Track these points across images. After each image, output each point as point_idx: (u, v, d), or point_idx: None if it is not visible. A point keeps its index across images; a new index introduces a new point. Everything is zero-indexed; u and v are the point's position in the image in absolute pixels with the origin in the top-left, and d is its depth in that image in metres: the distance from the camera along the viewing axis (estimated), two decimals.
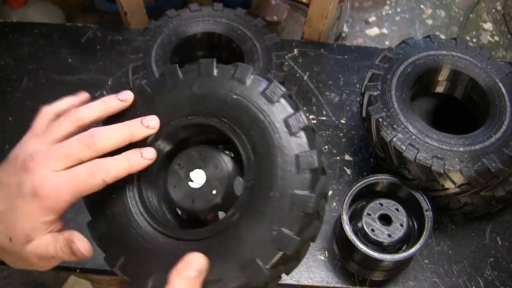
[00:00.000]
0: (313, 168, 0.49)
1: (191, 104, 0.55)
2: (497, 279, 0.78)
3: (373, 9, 1.74)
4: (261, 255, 0.47)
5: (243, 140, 0.51)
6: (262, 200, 0.49)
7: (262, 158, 0.50)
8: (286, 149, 0.50)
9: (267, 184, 0.49)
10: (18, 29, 1.03)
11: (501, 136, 0.73)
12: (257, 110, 0.52)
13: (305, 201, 0.48)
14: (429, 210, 0.72)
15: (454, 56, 0.82)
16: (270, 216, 0.48)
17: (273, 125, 0.51)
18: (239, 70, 0.54)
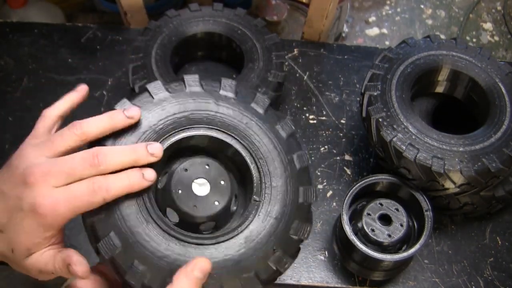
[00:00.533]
0: (310, 202, 0.58)
1: (208, 117, 0.58)
2: (497, 279, 0.78)
3: (373, 9, 1.74)
4: (259, 269, 0.52)
5: (255, 164, 0.58)
6: (266, 220, 0.55)
7: (271, 184, 0.57)
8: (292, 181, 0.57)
9: (272, 207, 0.56)
10: (18, 29, 1.03)
11: (501, 136, 0.73)
12: (271, 141, 0.59)
13: (302, 230, 0.56)
14: (429, 210, 0.72)
15: (454, 56, 0.82)
16: (272, 236, 0.54)
17: (284, 158, 0.58)
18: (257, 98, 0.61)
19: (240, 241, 0.53)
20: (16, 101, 0.94)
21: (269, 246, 0.54)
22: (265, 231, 0.54)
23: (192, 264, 0.49)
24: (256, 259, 0.53)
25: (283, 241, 0.54)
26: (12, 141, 0.89)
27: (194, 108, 0.58)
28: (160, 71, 0.86)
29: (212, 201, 0.55)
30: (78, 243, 0.79)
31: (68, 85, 0.96)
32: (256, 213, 0.55)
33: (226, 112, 0.59)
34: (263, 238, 0.54)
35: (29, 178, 0.49)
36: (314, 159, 0.89)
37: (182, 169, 0.56)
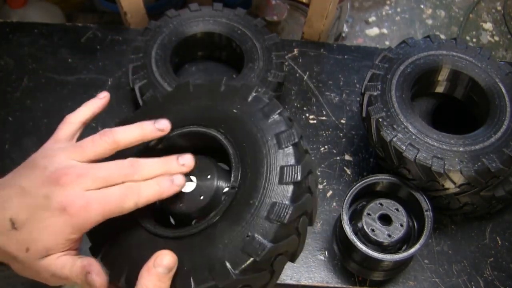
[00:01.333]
0: (296, 181, 0.50)
1: (195, 115, 0.58)
2: (497, 279, 0.78)
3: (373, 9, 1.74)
4: (231, 258, 0.48)
5: (235, 151, 0.54)
6: (241, 206, 0.50)
7: (248, 168, 0.52)
8: (272, 161, 0.52)
9: (248, 192, 0.51)
10: (18, 29, 1.03)
11: (501, 136, 0.73)
12: (253, 125, 0.55)
13: (282, 211, 0.49)
14: (429, 210, 0.72)
15: (454, 56, 0.82)
16: (246, 222, 0.49)
17: (264, 138, 0.54)
18: (243, 88, 0.58)
19: (213, 231, 0.50)
20: (16, 101, 0.94)
21: (243, 233, 0.49)
22: (238, 218, 0.50)
23: (153, 260, 0.48)
24: (227, 248, 0.48)
25: (259, 226, 0.49)
26: (12, 141, 0.89)
27: (181, 109, 0.59)
28: (160, 71, 0.86)
29: (198, 196, 0.54)
30: None
31: (68, 85, 0.96)
32: (232, 202, 0.51)
33: (208, 106, 0.58)
34: (235, 226, 0.49)
35: (62, 179, 0.48)
36: (314, 159, 0.89)
37: None
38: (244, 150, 0.54)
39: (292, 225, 0.50)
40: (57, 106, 0.93)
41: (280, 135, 0.53)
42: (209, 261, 0.48)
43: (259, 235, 0.48)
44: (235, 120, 0.56)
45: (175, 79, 0.86)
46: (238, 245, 0.48)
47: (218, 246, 0.49)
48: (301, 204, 0.51)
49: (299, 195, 0.51)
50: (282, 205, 0.49)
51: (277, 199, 0.50)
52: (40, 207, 0.48)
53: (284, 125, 0.54)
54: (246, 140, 0.54)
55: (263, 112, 0.55)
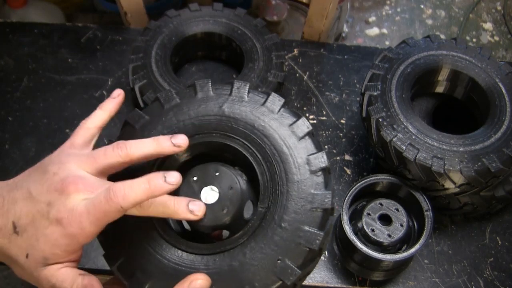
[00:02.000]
0: (325, 208, 0.51)
1: (218, 122, 0.56)
2: (497, 279, 0.78)
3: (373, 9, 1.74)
4: (261, 281, 0.48)
5: (263, 168, 0.53)
6: (272, 228, 0.51)
7: (279, 189, 0.52)
8: (304, 185, 0.52)
9: (279, 215, 0.51)
10: (18, 29, 1.03)
11: (501, 136, 0.73)
12: (282, 142, 0.54)
13: (313, 238, 0.50)
14: (429, 210, 0.72)
15: (454, 56, 0.82)
16: (277, 245, 0.50)
17: (295, 160, 0.53)
18: (270, 99, 0.57)
19: (243, 250, 0.50)
20: (16, 101, 0.94)
21: (274, 256, 0.49)
22: (268, 240, 0.50)
23: (188, 281, 0.47)
24: (258, 270, 0.49)
25: (289, 250, 0.49)
26: (12, 141, 0.89)
27: (202, 113, 0.57)
28: (160, 71, 0.86)
29: (220, 209, 0.52)
30: None
31: (68, 85, 0.96)
32: (261, 222, 0.51)
33: (233, 115, 0.56)
34: (266, 248, 0.50)
35: (69, 188, 0.47)
36: None
37: (191, 177, 0.54)
38: (273, 168, 0.53)
39: (319, 249, 0.51)
40: (57, 106, 0.93)
41: (310, 157, 0.53)
42: (240, 282, 0.49)
43: (290, 260, 0.49)
44: (262, 135, 0.55)
45: (175, 79, 0.86)
46: (269, 268, 0.49)
47: (249, 267, 0.49)
48: (328, 229, 0.52)
49: (327, 220, 0.52)
50: (313, 233, 0.50)
51: (308, 225, 0.50)
52: (41, 214, 0.47)
53: (314, 146, 0.54)
54: (275, 158, 0.53)
55: (292, 129, 0.55)
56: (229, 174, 0.54)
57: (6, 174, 0.85)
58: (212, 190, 0.54)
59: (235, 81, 0.58)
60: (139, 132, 0.57)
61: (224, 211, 0.52)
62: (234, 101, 0.57)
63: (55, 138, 0.89)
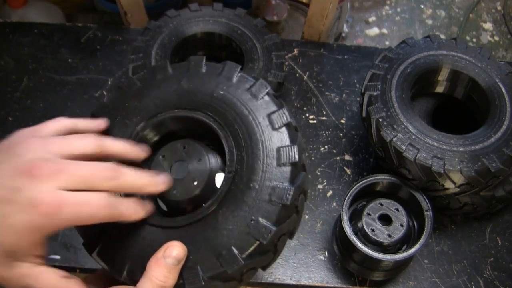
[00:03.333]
0: (293, 162, 0.51)
1: (178, 98, 0.56)
2: (497, 279, 0.78)
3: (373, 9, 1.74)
4: (237, 244, 0.48)
5: (226, 134, 0.53)
6: (242, 190, 0.50)
7: (244, 151, 0.52)
8: (267, 142, 0.52)
9: (247, 176, 0.51)
10: (18, 29, 1.03)
11: (501, 136, 0.73)
12: (242, 106, 0.54)
13: (283, 193, 0.49)
14: (429, 210, 0.72)
15: (454, 56, 0.82)
16: (248, 206, 0.49)
17: (256, 120, 0.53)
18: (226, 68, 0.57)
19: (215, 217, 0.50)
20: (16, 101, 0.94)
21: (247, 218, 0.49)
22: (240, 203, 0.49)
23: (162, 251, 0.47)
24: (233, 234, 0.48)
25: (261, 209, 0.49)
26: None
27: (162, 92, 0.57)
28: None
29: (191, 181, 0.53)
30: (78, 243, 0.79)
31: (68, 85, 0.96)
32: (230, 186, 0.51)
33: (191, 89, 0.56)
34: (238, 211, 0.49)
35: (36, 171, 0.43)
36: (314, 159, 0.89)
37: (159, 155, 0.55)
38: (236, 132, 0.53)
39: (293, 205, 0.50)
40: (57, 106, 0.93)
41: (271, 115, 0.53)
42: (215, 248, 0.48)
43: (263, 218, 0.49)
44: (222, 102, 0.55)
45: None
46: (243, 230, 0.48)
47: (222, 232, 0.49)
48: (300, 184, 0.51)
49: (297, 175, 0.51)
50: (283, 188, 0.49)
51: (277, 181, 0.50)
52: (6, 200, 0.42)
53: (274, 105, 0.54)
54: (237, 122, 0.53)
55: (251, 92, 0.55)
56: (197, 147, 0.54)
57: None
58: (181, 165, 0.54)
59: (191, 57, 0.59)
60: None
61: (195, 183, 0.52)
62: (192, 75, 0.57)
63: None
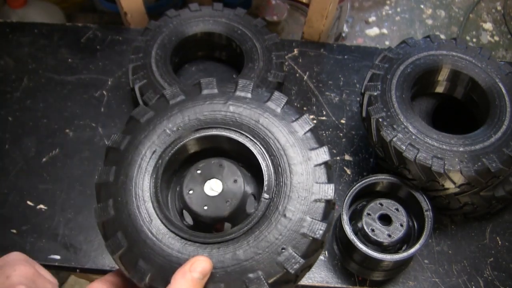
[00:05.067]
0: (328, 199, 0.53)
1: (223, 118, 0.57)
2: (497, 279, 0.78)
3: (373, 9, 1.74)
4: (265, 269, 0.49)
5: (267, 161, 0.55)
6: (276, 218, 0.52)
7: (283, 181, 0.53)
8: (306, 176, 0.53)
9: (283, 205, 0.52)
10: (18, 29, 1.03)
11: (501, 136, 0.73)
12: (285, 137, 0.56)
13: (316, 228, 0.51)
14: (429, 210, 0.72)
15: (454, 56, 0.82)
16: (281, 234, 0.51)
17: (298, 153, 0.54)
18: (274, 97, 0.58)
19: (246, 239, 0.51)
20: (16, 101, 0.94)
21: (277, 245, 0.50)
22: (273, 230, 0.51)
23: (189, 264, 0.48)
24: (262, 259, 0.50)
25: (293, 240, 0.50)
26: (12, 141, 0.89)
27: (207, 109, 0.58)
28: (160, 71, 0.86)
29: (224, 201, 0.54)
30: (78, 243, 0.79)
31: (68, 85, 0.96)
32: (265, 212, 0.52)
33: (238, 111, 0.58)
34: (270, 237, 0.51)
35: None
36: None
37: (195, 170, 0.56)
38: (277, 161, 0.54)
39: (321, 240, 0.52)
40: (57, 106, 0.93)
41: (312, 151, 0.55)
42: (243, 270, 0.49)
43: (294, 249, 0.50)
44: (266, 130, 0.56)
45: (175, 79, 0.86)
46: (272, 257, 0.50)
47: (252, 255, 0.50)
48: (330, 220, 0.53)
49: (329, 212, 0.53)
50: (317, 223, 0.51)
51: (312, 215, 0.52)
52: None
53: (316, 142, 0.56)
54: (279, 152, 0.55)
55: (295, 126, 0.56)
56: (233, 168, 0.56)
57: (6, 174, 0.85)
58: (216, 183, 0.55)
59: (239, 79, 0.60)
60: (144, 125, 0.58)
61: (227, 203, 0.54)
62: (239, 98, 0.58)
63: (55, 138, 0.89)
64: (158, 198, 0.54)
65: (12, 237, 0.79)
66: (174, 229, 0.52)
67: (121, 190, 0.54)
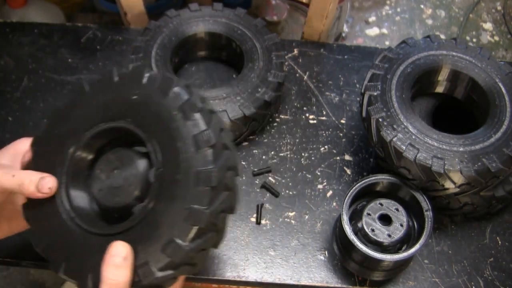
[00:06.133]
0: (212, 145, 0.53)
1: (101, 113, 0.60)
2: (497, 279, 0.78)
3: (373, 9, 1.74)
4: (178, 233, 0.52)
5: (147, 134, 0.56)
6: (171, 184, 0.53)
7: (165, 147, 0.55)
8: (184, 133, 0.54)
9: (172, 169, 0.53)
10: (18, 29, 1.03)
11: (501, 136, 0.73)
12: (155, 105, 0.57)
13: (208, 176, 0.52)
14: (429, 210, 0.72)
15: (454, 56, 0.82)
16: (180, 197, 0.52)
17: (170, 114, 0.55)
18: (135, 71, 0.60)
19: (154, 214, 0.53)
20: (16, 101, 0.94)
21: (181, 208, 0.52)
22: (171, 196, 0.53)
23: (109, 253, 0.52)
24: (172, 225, 0.52)
25: (192, 196, 0.52)
26: (12, 141, 0.89)
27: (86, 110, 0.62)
28: (160, 71, 0.86)
29: (129, 186, 0.56)
30: None
31: (68, 85, 0.96)
32: (160, 182, 0.54)
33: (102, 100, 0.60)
34: (172, 203, 0.52)
35: None
36: (314, 159, 0.89)
37: (96, 170, 0.59)
38: (156, 131, 0.56)
39: (221, 184, 0.53)
40: (57, 106, 0.93)
41: (183, 106, 0.55)
42: (160, 243, 0.52)
43: (196, 203, 0.52)
44: (138, 105, 0.58)
45: None
46: (180, 220, 0.52)
47: (163, 226, 0.52)
48: (223, 162, 0.54)
49: (219, 155, 0.54)
50: (207, 171, 0.52)
51: (200, 166, 0.52)
52: None
53: (185, 94, 0.56)
54: (154, 121, 0.56)
55: (161, 90, 0.57)
56: (127, 154, 0.58)
57: None
58: (117, 174, 0.57)
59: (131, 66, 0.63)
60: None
61: (132, 187, 0.56)
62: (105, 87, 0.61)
63: None
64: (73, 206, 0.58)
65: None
66: (92, 229, 0.56)
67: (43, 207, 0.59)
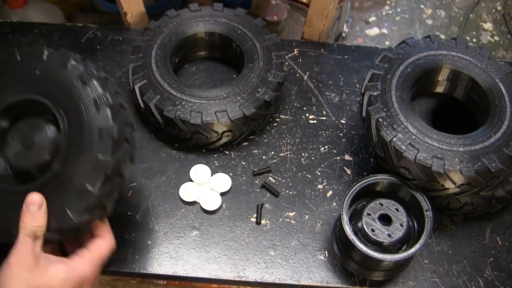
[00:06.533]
0: (110, 105, 0.61)
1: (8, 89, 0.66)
2: (497, 279, 0.78)
3: (373, 9, 1.74)
4: (88, 180, 0.59)
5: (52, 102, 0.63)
6: (78, 142, 0.61)
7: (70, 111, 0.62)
8: (84, 96, 0.62)
9: (78, 129, 0.61)
10: (18, 29, 1.03)
11: (501, 136, 0.73)
12: (57, 77, 0.64)
13: (109, 130, 0.60)
14: (429, 210, 0.72)
15: (454, 56, 0.82)
16: (88, 150, 0.60)
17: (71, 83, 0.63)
18: (35, 49, 0.66)
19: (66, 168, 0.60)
20: None
21: (89, 159, 0.59)
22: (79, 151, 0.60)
23: (24, 203, 0.59)
24: (84, 175, 0.59)
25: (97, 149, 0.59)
26: None
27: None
28: (160, 71, 0.86)
29: (41, 149, 0.63)
30: None
31: None
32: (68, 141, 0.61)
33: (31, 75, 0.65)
34: (81, 157, 0.60)
35: None
36: (314, 159, 0.89)
37: (9, 138, 0.65)
38: (60, 99, 0.63)
39: (122, 136, 0.61)
40: None
41: (81, 75, 0.63)
42: (75, 190, 0.59)
43: (100, 154, 0.59)
44: (42, 79, 0.64)
45: (175, 79, 0.86)
46: (89, 169, 0.59)
47: (75, 178, 0.60)
48: (121, 118, 0.62)
49: (117, 114, 0.62)
50: (107, 126, 0.60)
51: (102, 123, 0.60)
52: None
53: (82, 66, 0.64)
54: (58, 90, 0.63)
55: (60, 63, 0.64)
56: (38, 123, 0.64)
57: None
58: (29, 140, 0.64)
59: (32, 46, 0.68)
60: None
61: (43, 150, 0.63)
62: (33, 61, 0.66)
63: None
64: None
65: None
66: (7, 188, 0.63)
67: None
